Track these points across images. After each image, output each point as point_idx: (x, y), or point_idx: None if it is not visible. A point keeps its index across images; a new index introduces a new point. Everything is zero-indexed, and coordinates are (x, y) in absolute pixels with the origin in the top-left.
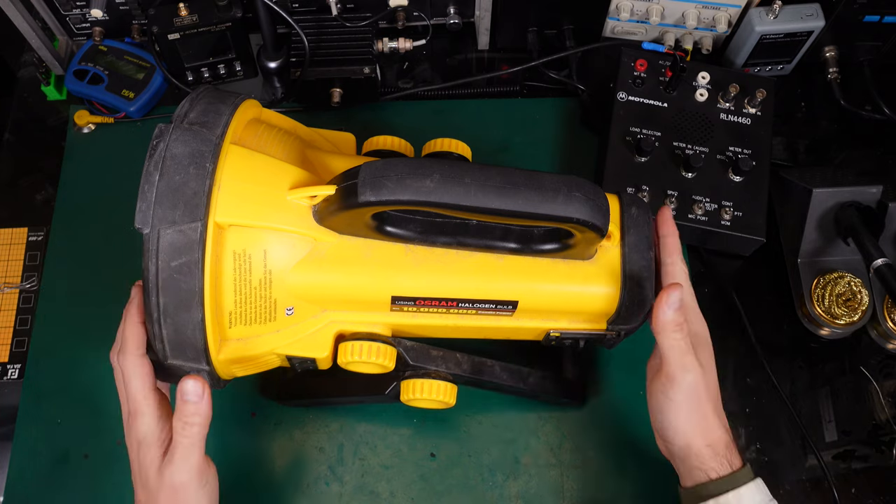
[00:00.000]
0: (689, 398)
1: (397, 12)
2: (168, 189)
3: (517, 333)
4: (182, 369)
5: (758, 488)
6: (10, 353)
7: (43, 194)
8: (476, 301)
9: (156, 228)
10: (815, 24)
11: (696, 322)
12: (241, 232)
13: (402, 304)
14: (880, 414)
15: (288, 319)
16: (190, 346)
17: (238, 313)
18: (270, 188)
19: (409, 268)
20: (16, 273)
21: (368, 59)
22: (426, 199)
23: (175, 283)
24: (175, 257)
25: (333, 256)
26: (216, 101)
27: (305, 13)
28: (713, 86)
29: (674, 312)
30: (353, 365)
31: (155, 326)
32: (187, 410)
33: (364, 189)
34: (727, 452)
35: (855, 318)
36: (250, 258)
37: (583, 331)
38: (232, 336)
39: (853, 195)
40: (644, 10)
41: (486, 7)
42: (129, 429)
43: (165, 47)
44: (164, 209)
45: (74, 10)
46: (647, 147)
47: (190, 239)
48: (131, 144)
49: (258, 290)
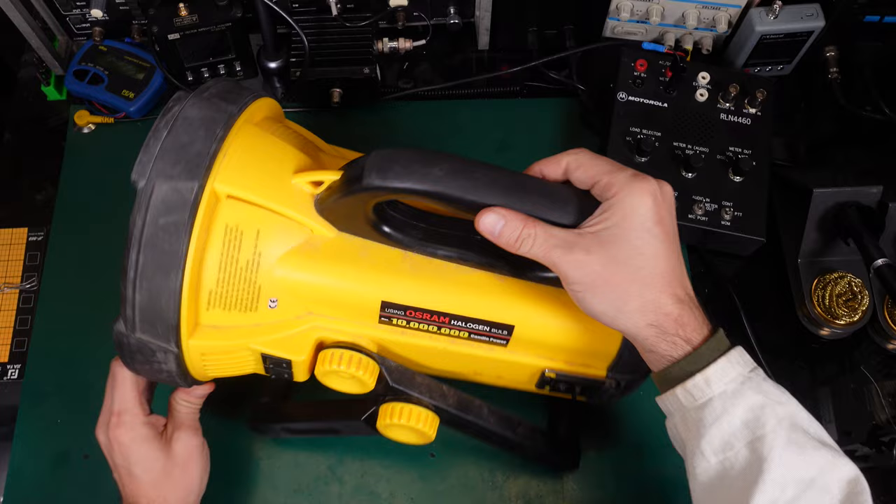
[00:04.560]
0: (592, 284)
1: (397, 12)
2: (173, 146)
3: (510, 371)
4: (148, 348)
5: (730, 362)
6: (10, 353)
7: (43, 194)
8: (470, 320)
9: (151, 181)
10: (815, 24)
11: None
12: (237, 206)
13: (392, 313)
14: (880, 414)
15: (269, 313)
16: (161, 318)
17: (219, 294)
18: (276, 168)
19: (404, 274)
20: (16, 273)
21: (368, 59)
22: (432, 189)
23: (159, 242)
24: (165, 214)
25: (327, 251)
26: (241, 88)
27: (305, 13)
28: (713, 86)
29: (501, 233)
30: (332, 376)
31: (129, 288)
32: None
33: (370, 172)
34: (678, 328)
35: (855, 318)
36: (241, 235)
37: (580, 374)
38: (208, 321)
39: (853, 195)
40: (644, 10)
41: (486, 7)
42: (112, 428)
43: (165, 47)
44: (165, 164)
45: (74, 10)
46: (647, 147)
47: (184, 198)
48: (131, 144)
49: (244, 271)
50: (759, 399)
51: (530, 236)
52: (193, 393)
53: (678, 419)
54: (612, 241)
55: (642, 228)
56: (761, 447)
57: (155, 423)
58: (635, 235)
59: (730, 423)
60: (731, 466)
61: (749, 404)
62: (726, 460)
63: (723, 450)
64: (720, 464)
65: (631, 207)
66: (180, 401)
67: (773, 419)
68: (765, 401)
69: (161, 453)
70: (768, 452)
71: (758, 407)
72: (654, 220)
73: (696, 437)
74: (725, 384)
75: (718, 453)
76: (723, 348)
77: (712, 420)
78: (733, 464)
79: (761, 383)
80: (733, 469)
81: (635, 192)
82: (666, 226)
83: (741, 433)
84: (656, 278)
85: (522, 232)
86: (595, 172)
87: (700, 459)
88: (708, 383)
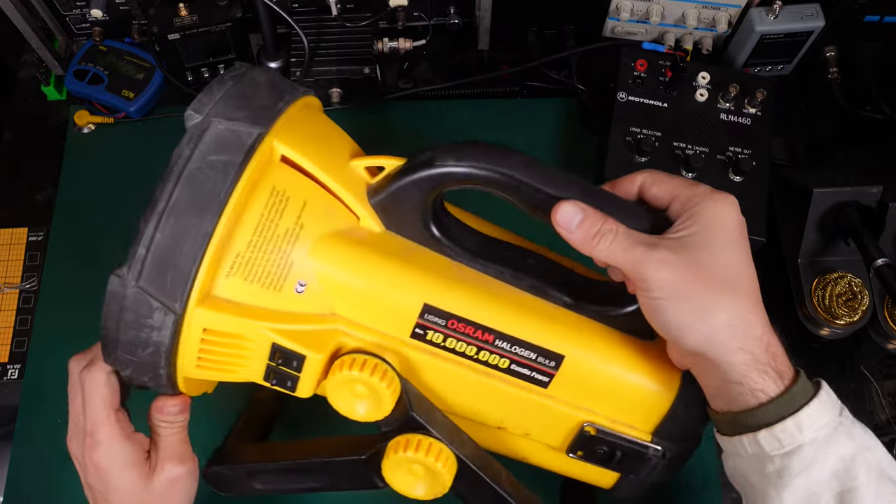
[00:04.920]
0: (675, 290)
1: (397, 12)
2: (238, 94)
3: (543, 422)
4: (147, 304)
5: (822, 405)
6: (10, 353)
7: (43, 194)
8: (517, 342)
9: (209, 119)
10: (815, 24)
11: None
12: (288, 172)
13: (431, 321)
14: (880, 414)
15: (293, 299)
16: (176, 266)
17: (246, 259)
18: (334, 146)
19: (452, 280)
20: (16, 273)
21: (368, 59)
22: (508, 173)
23: (201, 178)
24: (216, 152)
25: (371, 243)
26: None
27: (305, 13)
28: (713, 86)
29: (579, 227)
30: (344, 388)
31: (151, 223)
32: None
33: (444, 155)
34: (769, 358)
35: (855, 318)
36: (287, 202)
37: (623, 434)
38: (223, 291)
39: (853, 195)
40: (644, 10)
41: (486, 7)
42: (88, 450)
43: (165, 47)
44: (227, 107)
45: (74, 10)
46: (647, 147)
47: (241, 140)
48: (131, 144)
49: (280, 240)
50: (851, 448)
51: (611, 231)
52: (166, 410)
53: (750, 464)
54: (696, 247)
55: (728, 239)
56: (852, 500)
57: (139, 443)
58: (720, 245)
59: (819, 474)
60: None
61: (840, 453)
62: None
63: (806, 501)
64: None
65: (715, 217)
66: (159, 422)
67: (864, 470)
68: (856, 449)
69: (141, 482)
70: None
71: (849, 458)
72: (740, 233)
73: (777, 486)
74: (817, 430)
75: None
76: (811, 388)
77: (800, 469)
78: None
79: (851, 428)
80: None
81: (720, 202)
82: (747, 241)
83: (829, 484)
84: (745, 293)
85: (603, 227)
86: (673, 186)
87: None
88: (800, 429)
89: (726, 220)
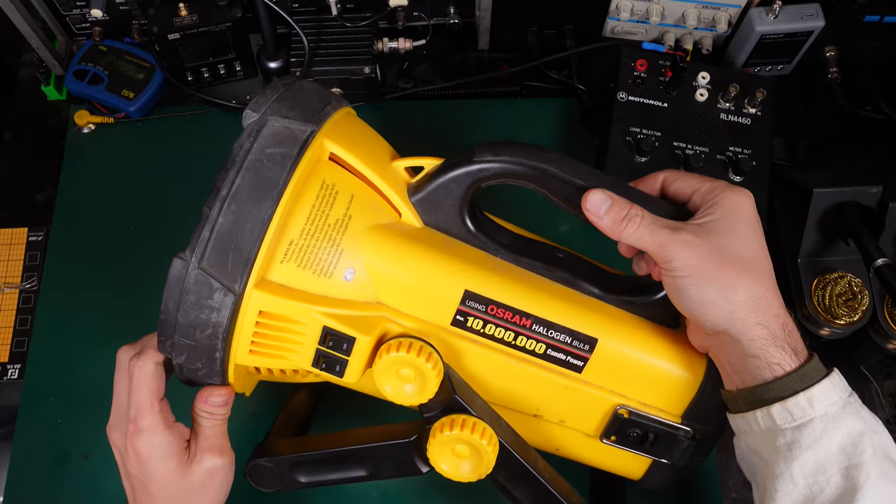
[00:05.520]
0: (699, 269)
1: (397, 12)
2: (291, 97)
3: (578, 406)
4: (208, 285)
5: (832, 384)
6: (10, 353)
7: (43, 194)
8: (554, 326)
9: (266, 116)
10: (815, 24)
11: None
12: (336, 169)
13: (472, 308)
14: (880, 414)
15: (342, 286)
16: (238, 250)
17: (299, 247)
18: (377, 148)
19: (490, 269)
20: (16, 273)
21: (368, 59)
22: (542, 165)
23: (261, 168)
24: (273, 145)
25: (414, 236)
26: None
27: (305, 13)
28: (713, 86)
29: (608, 212)
30: (390, 371)
31: (216, 208)
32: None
33: (482, 150)
34: (786, 335)
35: (855, 318)
36: (336, 195)
37: (655, 415)
38: (277, 276)
39: (853, 195)
40: (644, 10)
41: (486, 7)
42: (130, 437)
43: (165, 47)
44: (282, 106)
45: (74, 10)
46: (647, 147)
47: (295, 136)
48: (131, 144)
49: (330, 230)
50: (859, 425)
51: (637, 216)
52: (210, 401)
53: (762, 439)
54: (718, 231)
55: (746, 225)
56: (857, 475)
57: (179, 433)
58: (740, 230)
59: (827, 447)
60: (819, 492)
61: (848, 430)
62: (815, 485)
63: (814, 474)
64: (808, 488)
65: (735, 204)
66: (201, 413)
67: (870, 448)
68: (863, 428)
69: (180, 472)
70: (864, 481)
71: (856, 433)
72: (755, 220)
73: (787, 458)
74: (827, 406)
75: (808, 477)
76: (824, 369)
77: (810, 442)
78: (822, 489)
79: (860, 409)
80: (822, 494)
81: (738, 193)
82: (762, 230)
83: (837, 458)
84: (763, 274)
85: (630, 211)
86: (694, 182)
87: (786, 482)
88: (811, 403)
89: (744, 209)
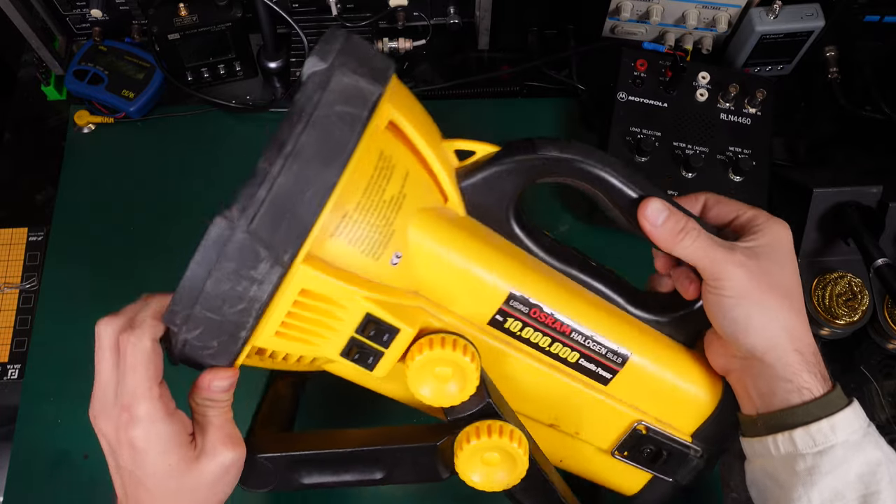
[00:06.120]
0: (748, 290)
1: (397, 12)
2: (356, 51)
3: (597, 419)
4: (254, 252)
5: (854, 413)
6: (10, 353)
7: (43, 194)
8: (590, 336)
9: (334, 68)
10: (815, 24)
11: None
12: (392, 140)
13: (514, 309)
14: (880, 414)
15: (388, 270)
16: (295, 215)
17: (352, 220)
18: (429, 122)
19: (533, 270)
20: (16, 273)
21: None
22: (606, 170)
23: (330, 126)
24: (342, 103)
25: (462, 224)
26: None
27: (305, 13)
28: (713, 86)
29: (665, 223)
30: (426, 369)
31: (276, 165)
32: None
33: (546, 145)
34: (817, 362)
35: (855, 318)
36: (393, 169)
37: (670, 433)
38: (325, 252)
39: (853, 195)
40: (644, 10)
41: (486, 7)
42: (124, 427)
43: (165, 47)
44: (349, 59)
45: (74, 10)
46: (647, 147)
47: (364, 96)
48: (131, 144)
49: (385, 207)
50: (878, 455)
51: (695, 230)
52: (214, 386)
53: (780, 464)
54: (765, 257)
55: (787, 255)
56: (874, 503)
57: (182, 423)
58: (782, 260)
59: (846, 475)
60: None
61: (867, 458)
62: None
63: (832, 500)
64: None
65: (777, 234)
66: (204, 402)
67: (887, 476)
68: (881, 457)
69: (183, 466)
70: None
71: (874, 462)
72: (793, 250)
73: (806, 484)
74: (849, 434)
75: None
76: (845, 397)
77: (830, 468)
78: None
79: (878, 439)
80: None
81: (780, 223)
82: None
83: (855, 486)
84: (798, 303)
85: (688, 224)
86: (735, 207)
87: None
88: (834, 430)
89: (785, 239)
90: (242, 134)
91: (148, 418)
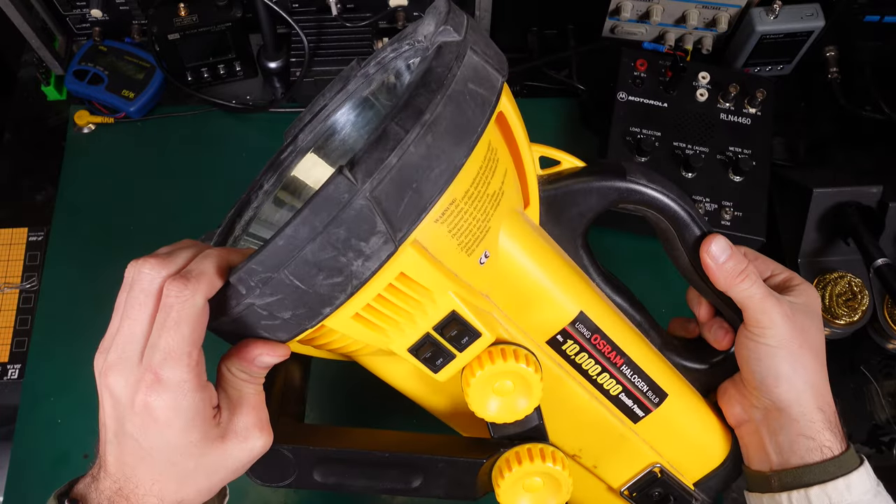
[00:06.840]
0: (788, 342)
1: (397, 12)
2: (481, 34)
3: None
4: (370, 222)
5: (867, 474)
6: (10, 353)
7: (43, 194)
8: (639, 371)
9: (467, 43)
10: (815, 24)
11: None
12: (498, 133)
13: (576, 331)
14: (880, 414)
15: (474, 269)
16: (418, 192)
17: (457, 210)
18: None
19: (598, 294)
20: (16, 273)
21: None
22: (686, 208)
23: (464, 103)
24: (475, 83)
25: (542, 234)
26: None
27: (305, 13)
28: (713, 86)
29: (727, 262)
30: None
31: (414, 132)
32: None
33: (637, 173)
34: (837, 421)
35: (855, 318)
36: (497, 163)
37: (680, 479)
38: (426, 238)
39: (853, 195)
40: (644, 9)
41: (485, 7)
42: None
43: (165, 47)
44: (479, 39)
45: (74, 10)
46: (647, 147)
47: (492, 81)
48: (131, 144)
49: (487, 201)
50: None
51: (754, 273)
52: (259, 361)
53: None
54: (802, 314)
55: (818, 317)
56: None
57: (210, 398)
58: (816, 321)
59: None
60: None
61: None
62: None
63: None
64: None
65: (811, 297)
66: (238, 372)
67: None
68: None
69: (207, 445)
70: None
71: None
72: (821, 316)
73: None
74: (861, 493)
75: None
76: (857, 457)
77: None
78: None
79: (887, 498)
80: None
81: (811, 288)
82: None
83: None
84: (824, 365)
85: (749, 266)
86: (771, 266)
87: None
88: (849, 489)
89: (817, 303)
90: (242, 134)
91: (178, 387)
